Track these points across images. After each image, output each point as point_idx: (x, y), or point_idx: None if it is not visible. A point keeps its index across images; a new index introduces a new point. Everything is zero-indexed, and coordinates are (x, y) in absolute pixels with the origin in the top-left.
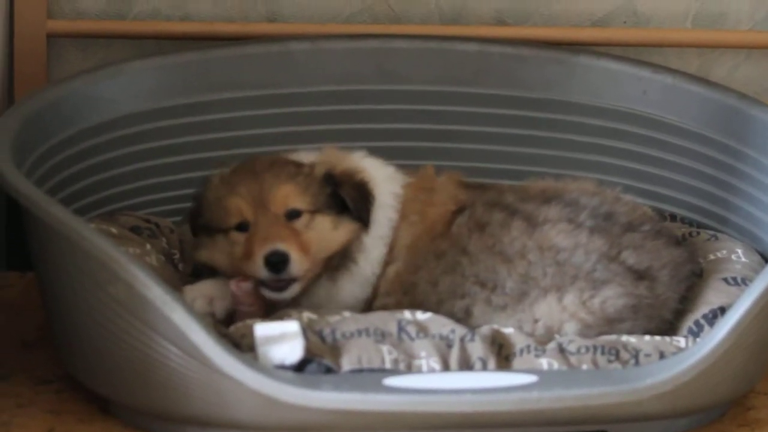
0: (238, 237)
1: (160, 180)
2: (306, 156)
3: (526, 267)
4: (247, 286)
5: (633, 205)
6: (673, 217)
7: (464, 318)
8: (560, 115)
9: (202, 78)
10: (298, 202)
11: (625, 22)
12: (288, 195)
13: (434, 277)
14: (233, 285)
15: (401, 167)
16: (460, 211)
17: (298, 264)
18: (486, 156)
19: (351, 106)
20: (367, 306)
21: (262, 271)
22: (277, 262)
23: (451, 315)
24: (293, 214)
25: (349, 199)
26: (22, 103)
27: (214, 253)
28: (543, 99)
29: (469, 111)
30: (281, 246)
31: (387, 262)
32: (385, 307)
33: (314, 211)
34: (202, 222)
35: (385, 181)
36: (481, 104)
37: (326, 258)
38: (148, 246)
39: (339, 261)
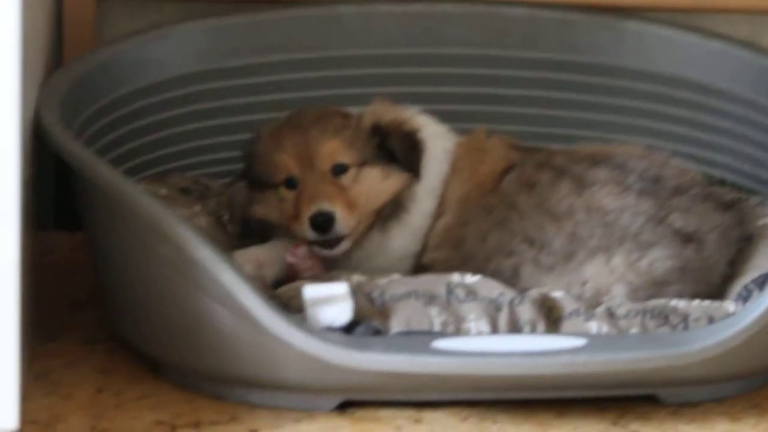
0: (287, 193)
1: (209, 142)
2: (356, 108)
3: (574, 226)
4: (302, 251)
5: (681, 169)
6: (722, 182)
7: (512, 278)
8: (609, 79)
9: (251, 40)
10: (345, 156)
11: None
12: (334, 150)
13: (483, 232)
14: (289, 255)
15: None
16: (509, 169)
17: (344, 222)
18: (534, 120)
19: (398, 69)
20: (417, 261)
21: (309, 232)
22: (323, 222)
23: (499, 273)
24: (340, 169)
25: (397, 149)
26: (71, 64)
27: (266, 208)
28: (592, 63)
29: (517, 75)
30: (326, 205)
31: (437, 215)
32: (433, 262)
33: (362, 164)
34: (253, 176)
35: (437, 136)
36: (530, 68)
37: (376, 209)
38: (198, 207)
39: (390, 211)
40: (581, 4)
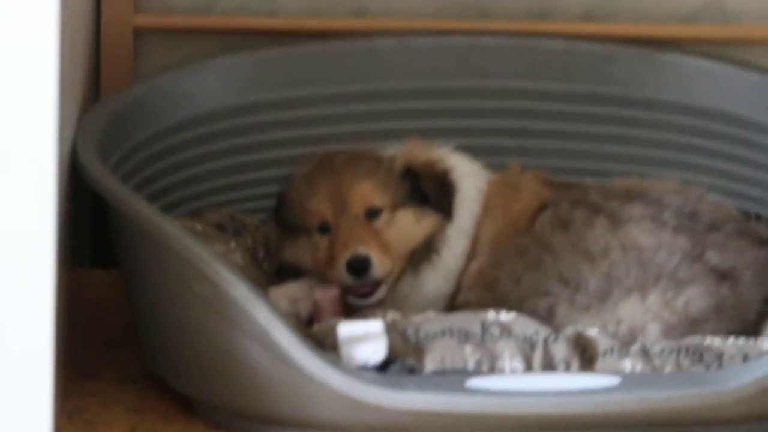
0: (321, 239)
1: (245, 177)
2: (388, 149)
3: (610, 266)
4: (332, 293)
5: (717, 205)
6: (758, 218)
7: (547, 317)
8: (647, 112)
9: (287, 74)
10: (378, 199)
11: (712, 19)
12: (367, 194)
13: (517, 273)
14: (318, 293)
15: (487, 165)
16: (543, 208)
17: (380, 266)
18: (572, 154)
19: (436, 102)
20: (450, 302)
21: (345, 277)
22: (359, 266)
23: (534, 313)
24: (373, 213)
25: (429, 191)
26: (108, 99)
27: (299, 252)
28: (630, 96)
29: (555, 109)
30: (361, 249)
31: (470, 257)
32: (467, 303)
33: (395, 207)
34: (286, 221)
35: (469, 175)
36: (568, 102)
37: (410, 252)
38: (233, 244)
39: (422, 253)
40: (620, 36)
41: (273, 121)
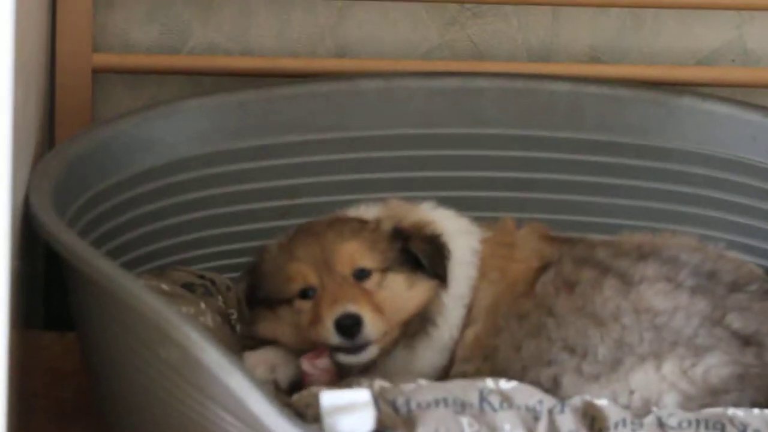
0: (304, 305)
1: (216, 232)
2: (367, 211)
3: (621, 332)
4: (323, 362)
5: (738, 263)
6: None
7: (552, 388)
8: (659, 162)
9: (263, 119)
10: (366, 260)
11: (733, 61)
12: (354, 253)
13: (517, 340)
14: (306, 364)
15: (477, 219)
16: (544, 267)
17: (372, 326)
18: (575, 208)
19: (427, 151)
20: (444, 375)
21: (333, 337)
22: (350, 325)
23: (537, 384)
24: (362, 274)
25: (421, 255)
26: (64, 145)
27: (278, 325)
28: (641, 145)
29: (557, 158)
30: (352, 308)
31: (465, 325)
32: (463, 375)
33: (385, 270)
34: (261, 295)
35: (460, 234)
36: (572, 150)
37: (403, 321)
38: (203, 305)
39: (417, 326)
40: (630, 79)
41: (247, 171)
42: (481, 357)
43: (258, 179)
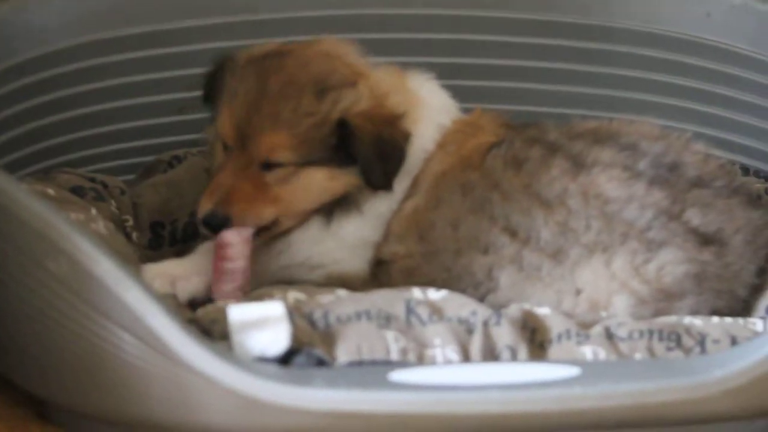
0: (220, 152)
1: (106, 129)
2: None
3: (566, 215)
4: (247, 232)
5: (705, 156)
6: (745, 170)
7: (486, 283)
8: (602, 44)
9: (160, 2)
10: (285, 154)
11: None
12: (274, 147)
13: (457, 215)
14: (229, 234)
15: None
16: (497, 145)
17: (244, 221)
18: (510, 95)
19: (351, 34)
20: (376, 252)
21: (202, 228)
22: (215, 224)
23: (470, 275)
24: (272, 165)
25: (361, 160)
26: None
27: (212, 138)
28: (580, 24)
29: (488, 40)
30: (221, 210)
31: (407, 196)
32: (393, 257)
33: (303, 164)
34: (212, 95)
35: (434, 110)
36: (504, 32)
37: (309, 210)
38: (94, 211)
39: (335, 205)
40: None
41: (139, 60)
42: (415, 235)
43: (152, 69)
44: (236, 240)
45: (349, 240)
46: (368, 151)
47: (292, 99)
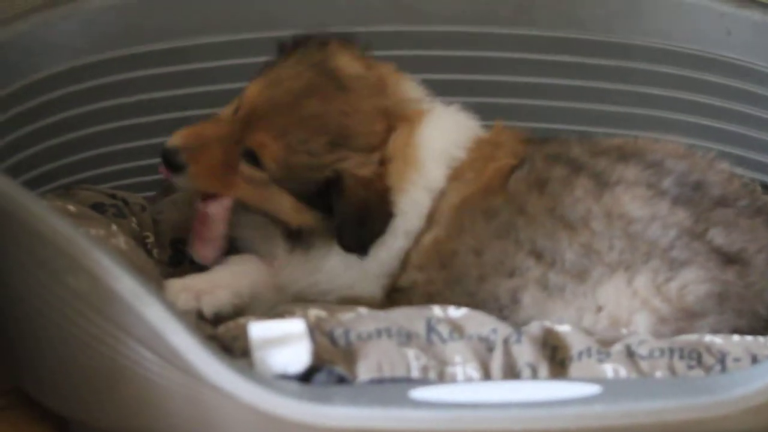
0: (231, 107)
1: (128, 145)
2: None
3: (590, 237)
4: (228, 201)
5: (729, 175)
6: (765, 188)
7: (509, 306)
8: (621, 61)
9: (177, 18)
10: (269, 164)
11: None
12: (266, 150)
13: (481, 241)
14: (211, 205)
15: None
16: (519, 165)
17: (195, 181)
18: (529, 112)
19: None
20: (391, 281)
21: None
22: (170, 164)
23: (494, 299)
24: (250, 159)
25: (342, 219)
26: None
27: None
28: (602, 42)
29: (507, 57)
30: (184, 158)
31: (423, 232)
32: (413, 285)
33: (276, 181)
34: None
35: (441, 156)
36: (523, 49)
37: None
38: (114, 227)
39: (297, 235)
40: None
41: (162, 76)
42: (436, 263)
43: (171, 86)
44: (219, 209)
45: (335, 274)
46: (350, 213)
47: (308, 132)
